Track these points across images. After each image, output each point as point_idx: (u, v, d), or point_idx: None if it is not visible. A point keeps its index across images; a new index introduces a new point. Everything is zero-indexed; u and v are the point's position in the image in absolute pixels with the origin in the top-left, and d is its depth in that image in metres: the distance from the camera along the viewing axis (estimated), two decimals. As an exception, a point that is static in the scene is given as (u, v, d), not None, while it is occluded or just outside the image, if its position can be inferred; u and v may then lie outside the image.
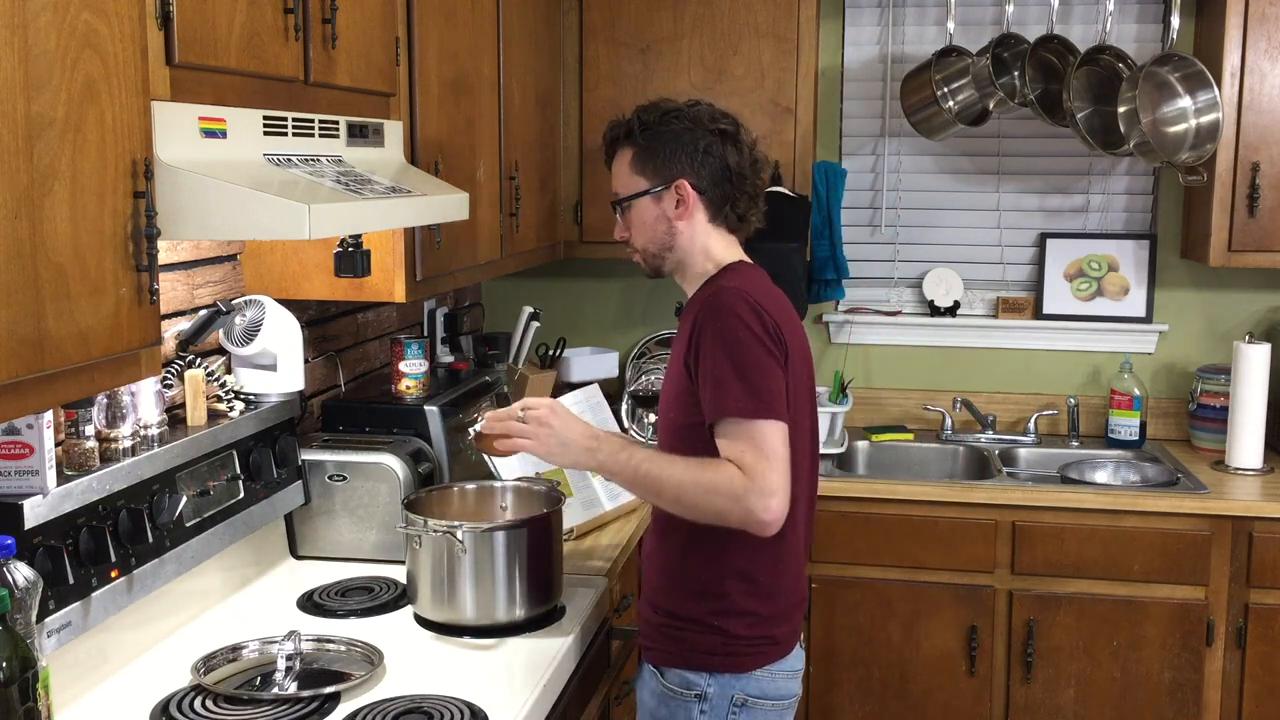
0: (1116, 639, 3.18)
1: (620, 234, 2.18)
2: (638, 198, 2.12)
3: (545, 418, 2.03)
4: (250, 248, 2.47)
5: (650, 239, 2.14)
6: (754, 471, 1.89)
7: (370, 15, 2.18)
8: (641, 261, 2.19)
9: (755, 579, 2.04)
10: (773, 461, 1.89)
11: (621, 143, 2.15)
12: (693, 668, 2.06)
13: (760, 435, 1.91)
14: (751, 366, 1.93)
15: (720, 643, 2.04)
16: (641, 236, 2.15)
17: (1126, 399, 3.62)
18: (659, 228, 2.13)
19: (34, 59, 1.32)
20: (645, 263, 2.18)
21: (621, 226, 2.17)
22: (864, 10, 3.78)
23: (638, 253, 2.17)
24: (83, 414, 1.86)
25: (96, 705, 1.87)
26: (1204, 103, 3.32)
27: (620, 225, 2.18)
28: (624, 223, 2.17)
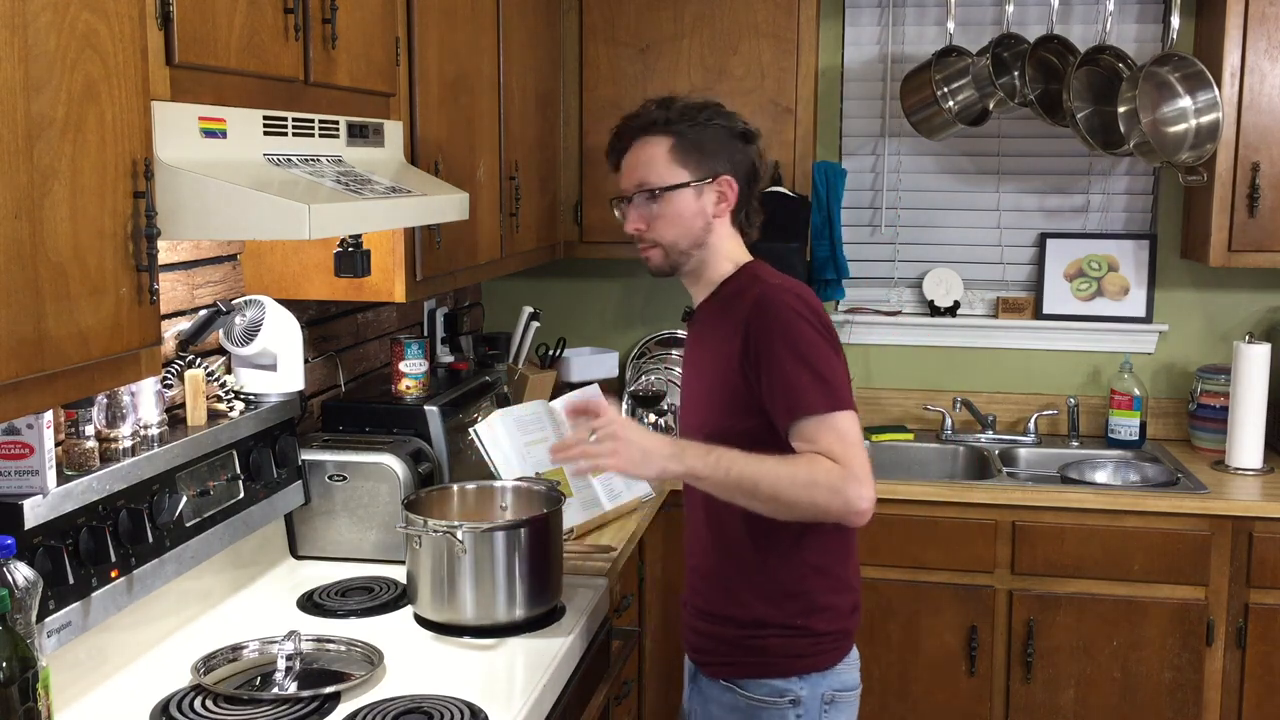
0: (1116, 639, 3.18)
1: (634, 226, 2.06)
2: (678, 189, 2.03)
3: (618, 432, 1.90)
4: (250, 248, 2.47)
5: (683, 234, 2.05)
6: (846, 461, 1.85)
7: (370, 15, 2.18)
8: (659, 257, 2.07)
9: (830, 572, 2.03)
10: (859, 450, 1.88)
11: (655, 131, 2.05)
12: (782, 674, 2.02)
13: (842, 426, 1.88)
14: (820, 361, 1.91)
15: (808, 644, 2.02)
16: (673, 230, 2.04)
17: (1126, 399, 3.62)
18: (695, 223, 2.04)
19: (34, 59, 1.32)
20: (664, 259, 2.07)
21: (636, 219, 2.06)
22: (864, 10, 3.78)
23: (658, 247, 2.06)
24: (83, 414, 1.86)
25: (96, 705, 1.87)
26: (1204, 103, 3.32)
27: (634, 217, 2.06)
28: (643, 215, 2.05)
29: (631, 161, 2.06)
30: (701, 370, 2.08)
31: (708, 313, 2.09)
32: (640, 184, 2.05)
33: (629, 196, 2.07)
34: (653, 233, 2.05)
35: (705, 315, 2.10)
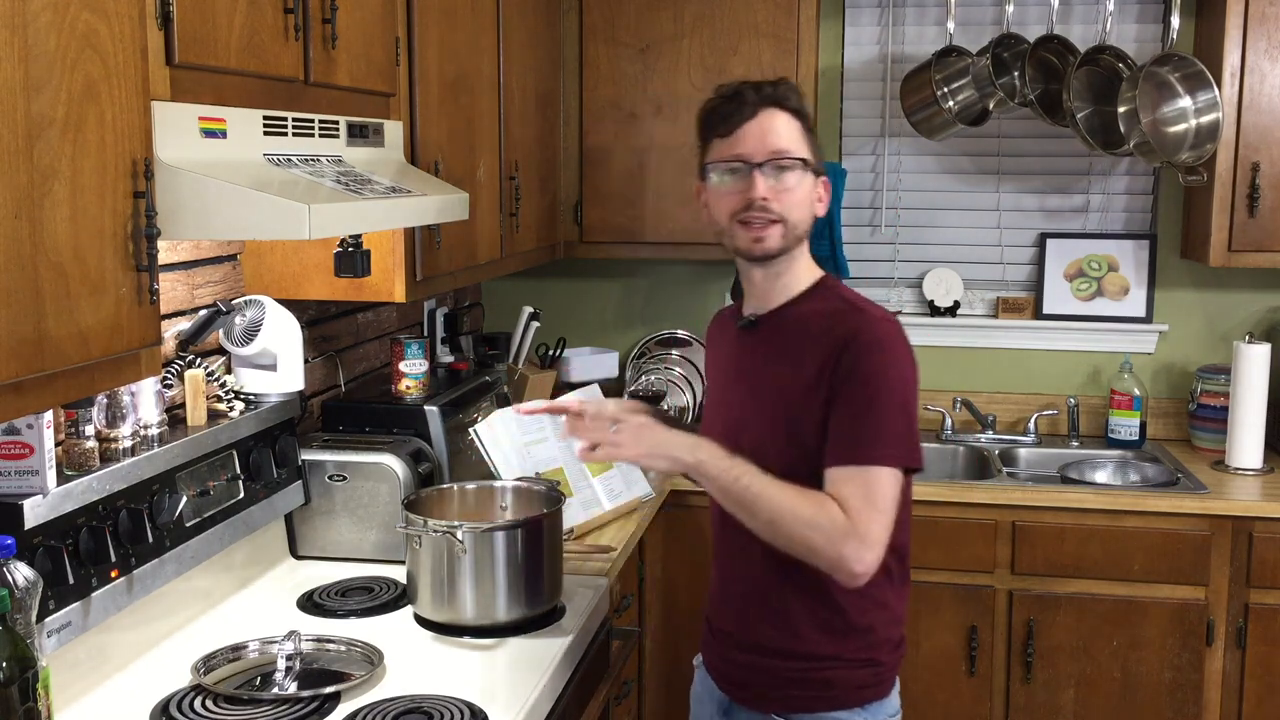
0: (1116, 639, 3.18)
1: (764, 194, 1.88)
2: (809, 168, 1.93)
3: (639, 424, 1.87)
4: (250, 248, 2.47)
5: (804, 217, 1.93)
6: (857, 518, 1.76)
7: (370, 15, 2.18)
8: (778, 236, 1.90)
9: (890, 605, 1.96)
10: (880, 513, 1.78)
11: (785, 106, 1.94)
12: (846, 706, 1.95)
13: (878, 484, 1.78)
14: (896, 411, 1.82)
15: (871, 674, 1.96)
16: (799, 210, 1.91)
17: (1126, 399, 3.61)
18: (810, 209, 1.94)
19: (34, 59, 1.32)
20: (782, 239, 1.91)
21: (765, 188, 1.89)
22: (864, 10, 3.78)
23: (779, 224, 1.90)
24: (83, 414, 1.86)
25: (96, 705, 1.87)
26: (1204, 103, 3.32)
27: (764, 186, 1.88)
28: (773, 186, 1.89)
29: (761, 128, 1.90)
30: (760, 389, 1.94)
31: (777, 326, 1.95)
32: (778, 152, 1.90)
33: (757, 163, 1.89)
34: (780, 205, 1.90)
35: (774, 328, 1.96)
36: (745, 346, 2.01)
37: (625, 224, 3.57)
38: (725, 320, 2.14)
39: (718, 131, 1.94)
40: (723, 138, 1.93)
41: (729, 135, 1.92)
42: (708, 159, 1.96)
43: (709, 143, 1.96)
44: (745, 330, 2.01)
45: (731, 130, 1.92)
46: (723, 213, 1.93)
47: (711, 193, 1.95)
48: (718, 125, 1.94)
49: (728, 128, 1.92)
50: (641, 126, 3.52)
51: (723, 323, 2.15)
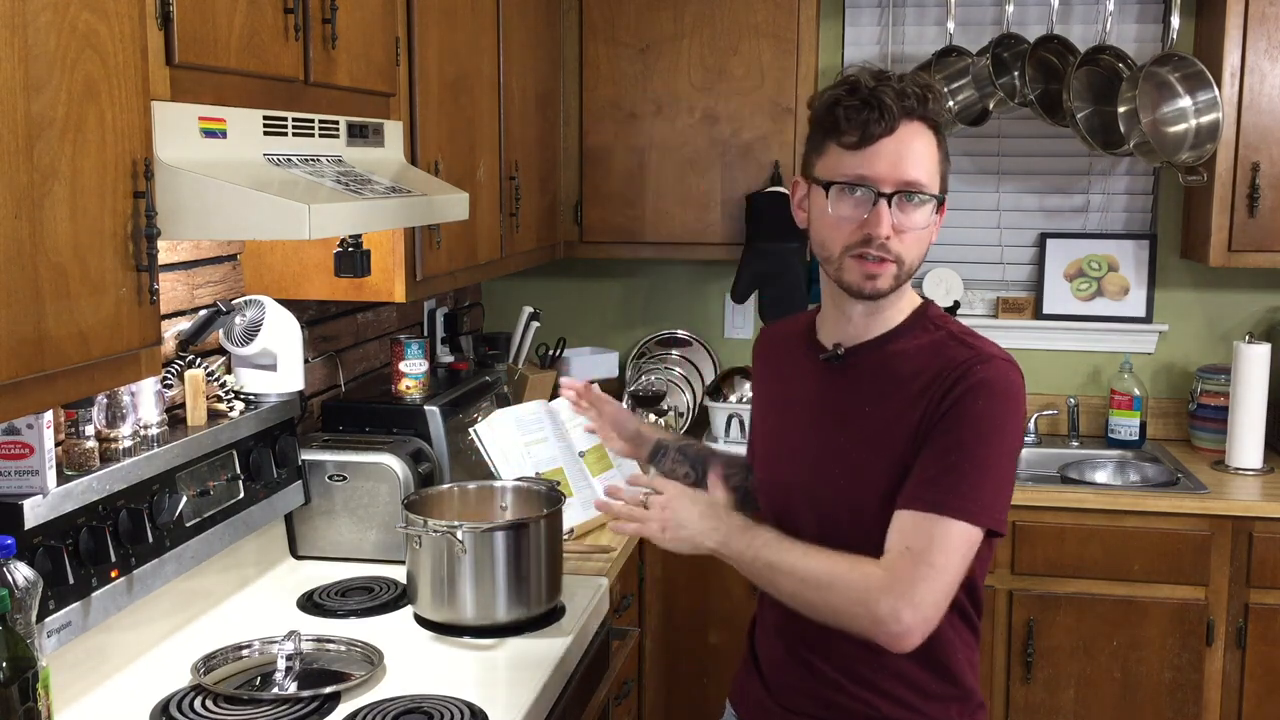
0: (1116, 639, 3.18)
1: (887, 230, 1.63)
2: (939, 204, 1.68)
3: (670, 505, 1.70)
4: (250, 248, 2.47)
5: (922, 254, 1.70)
6: (901, 572, 1.56)
7: (370, 15, 2.18)
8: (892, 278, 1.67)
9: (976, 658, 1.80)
10: (933, 570, 1.56)
11: (928, 121, 1.66)
12: None
13: (942, 536, 1.57)
14: (994, 464, 1.61)
15: None
16: (917, 250, 1.68)
17: (1126, 399, 3.61)
18: (928, 246, 1.71)
19: (34, 59, 1.32)
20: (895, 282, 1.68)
21: (888, 225, 1.63)
22: (864, 10, 3.78)
23: (895, 264, 1.66)
24: (83, 414, 1.86)
25: (96, 705, 1.87)
26: (1204, 103, 3.32)
27: (888, 221, 1.63)
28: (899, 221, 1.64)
29: (899, 149, 1.63)
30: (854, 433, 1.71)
31: (875, 362, 1.73)
32: (910, 183, 1.63)
33: (886, 193, 1.63)
34: (902, 245, 1.65)
35: (871, 364, 1.73)
36: (830, 381, 1.77)
37: (625, 224, 3.57)
38: (788, 344, 1.90)
39: (843, 138, 1.64)
40: (849, 149, 1.64)
41: (858, 149, 1.63)
42: (823, 169, 1.68)
43: (825, 145, 1.68)
44: (830, 363, 1.77)
45: (863, 144, 1.63)
46: (834, 240, 1.67)
47: (820, 210, 1.68)
48: (845, 131, 1.64)
49: (858, 139, 1.63)
50: (641, 126, 3.52)
51: (784, 346, 1.91)
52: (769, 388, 1.94)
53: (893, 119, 1.61)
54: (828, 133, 1.67)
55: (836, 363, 1.76)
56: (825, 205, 1.67)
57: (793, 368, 1.85)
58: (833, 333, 1.78)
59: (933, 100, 1.65)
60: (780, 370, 1.89)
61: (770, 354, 1.95)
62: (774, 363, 1.92)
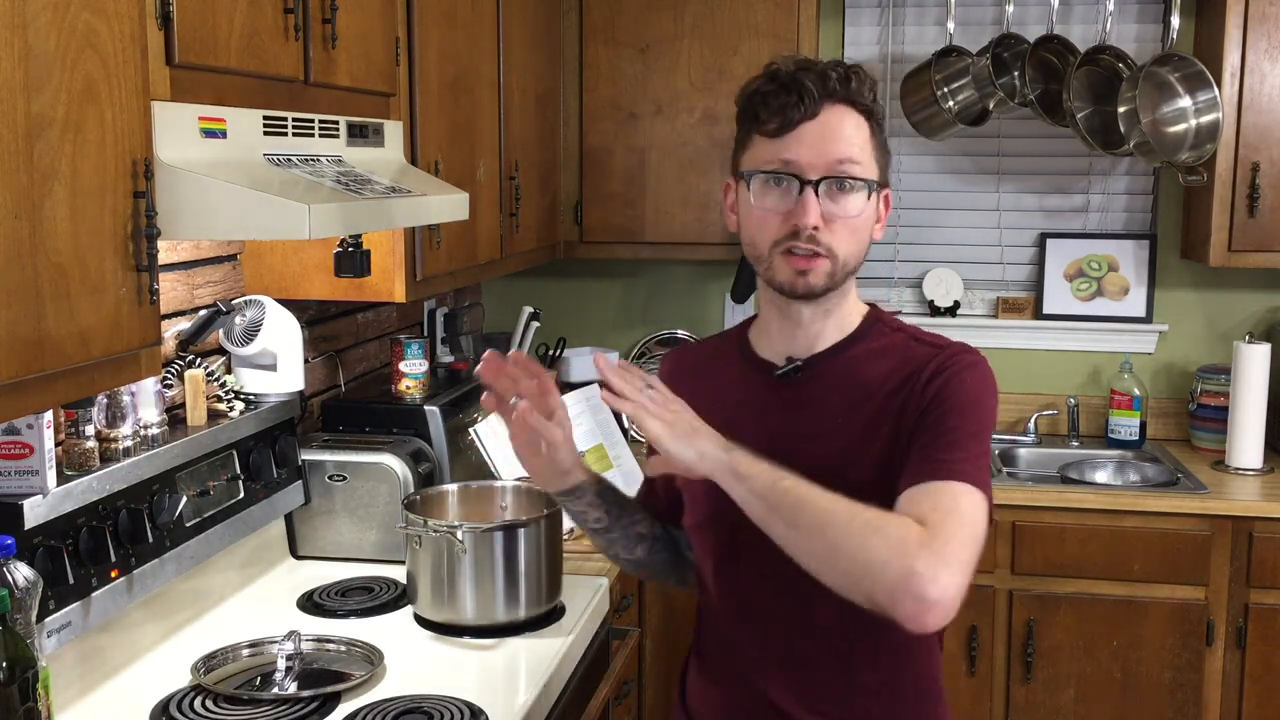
0: (1116, 639, 3.18)
1: (817, 220, 1.50)
2: (875, 188, 1.55)
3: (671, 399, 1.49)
4: (250, 248, 2.47)
5: (857, 251, 1.57)
6: (938, 529, 1.37)
7: (370, 15, 2.18)
8: (826, 273, 1.54)
9: None
10: (966, 528, 1.40)
11: (856, 104, 1.54)
12: None
13: (961, 496, 1.43)
14: (985, 439, 1.52)
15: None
16: (852, 242, 1.55)
17: (1126, 399, 3.61)
18: (867, 240, 1.58)
19: (34, 59, 1.32)
20: (830, 278, 1.55)
21: (817, 213, 1.51)
22: (864, 10, 3.78)
23: (828, 259, 1.53)
24: (83, 414, 1.86)
25: (96, 705, 1.87)
26: (1204, 103, 3.32)
27: (816, 210, 1.50)
28: (830, 210, 1.52)
29: (825, 132, 1.51)
30: (830, 448, 1.55)
31: (835, 373, 1.59)
32: (842, 162, 1.51)
33: (812, 179, 1.50)
34: (832, 236, 1.52)
35: (830, 375, 1.59)
36: (788, 399, 1.60)
37: (625, 224, 3.57)
38: (718, 365, 1.70)
39: (764, 127, 1.54)
40: (770, 136, 1.53)
41: (779, 135, 1.52)
42: (747, 162, 1.57)
43: (749, 138, 1.57)
44: (784, 380, 1.60)
45: (784, 129, 1.52)
46: (761, 236, 1.55)
47: (746, 206, 1.57)
48: (765, 118, 1.53)
49: (779, 125, 1.52)
50: (641, 126, 3.52)
51: (714, 368, 1.70)
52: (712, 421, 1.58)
53: (814, 102, 1.51)
54: (750, 124, 1.57)
55: (793, 377, 1.60)
56: (750, 199, 1.55)
57: (732, 391, 1.64)
58: (778, 345, 1.63)
59: (857, 82, 1.53)
60: (715, 396, 1.62)
61: (695, 380, 1.67)
62: (699, 387, 1.63)
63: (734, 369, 1.67)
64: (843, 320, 1.62)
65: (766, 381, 1.62)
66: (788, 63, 1.55)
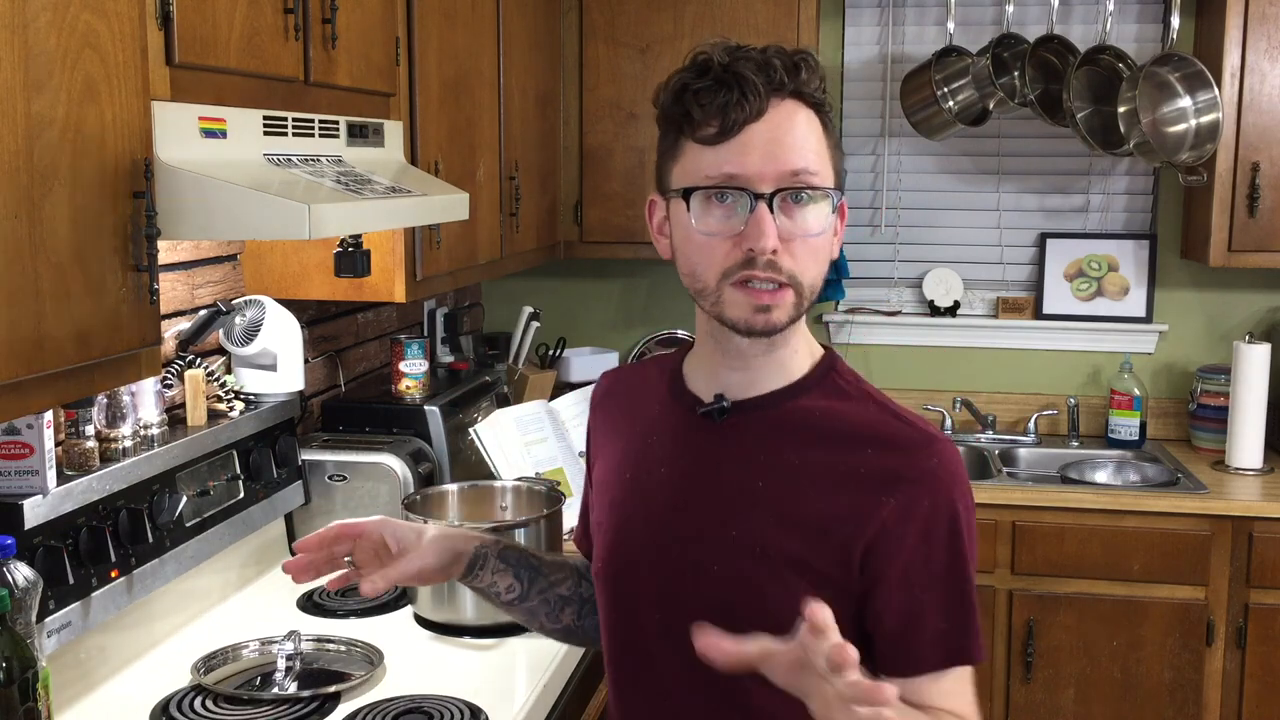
0: (1116, 639, 3.18)
1: (774, 243, 1.23)
2: (836, 198, 1.28)
3: None
4: (250, 248, 2.47)
5: (820, 271, 1.29)
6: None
7: (370, 15, 2.18)
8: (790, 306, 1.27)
9: None
10: None
11: (806, 97, 1.27)
12: None
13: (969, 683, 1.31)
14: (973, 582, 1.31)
15: None
16: (814, 264, 1.27)
17: (1126, 399, 3.61)
18: (827, 258, 1.30)
19: (34, 59, 1.32)
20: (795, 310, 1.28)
21: (774, 233, 1.23)
22: (864, 10, 3.78)
23: (791, 289, 1.26)
24: (83, 414, 1.86)
25: (96, 705, 1.87)
26: (1204, 103, 3.32)
27: (773, 230, 1.23)
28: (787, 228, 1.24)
29: (775, 135, 1.24)
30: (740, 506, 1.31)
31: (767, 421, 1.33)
32: (798, 172, 1.24)
33: (764, 193, 1.23)
34: (795, 262, 1.25)
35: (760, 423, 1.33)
36: (704, 441, 1.35)
37: (625, 224, 3.57)
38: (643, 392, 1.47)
39: (700, 132, 1.25)
40: (708, 144, 1.25)
41: (720, 141, 1.24)
42: (681, 175, 1.28)
43: (679, 144, 1.29)
44: (707, 419, 1.35)
45: (724, 134, 1.24)
46: (706, 266, 1.27)
47: (684, 229, 1.28)
48: (701, 121, 1.25)
49: (718, 129, 1.24)
50: (641, 126, 3.52)
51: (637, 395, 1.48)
52: (614, 446, 1.46)
53: (759, 98, 1.23)
54: (679, 128, 1.28)
55: (717, 419, 1.34)
56: (689, 221, 1.26)
57: (649, 421, 1.43)
58: (710, 380, 1.37)
59: (806, 71, 1.26)
60: (632, 424, 1.45)
61: (615, 404, 1.51)
62: (621, 414, 1.48)
63: (659, 397, 1.43)
64: (789, 362, 1.34)
65: (688, 418, 1.37)
66: (719, 51, 1.26)
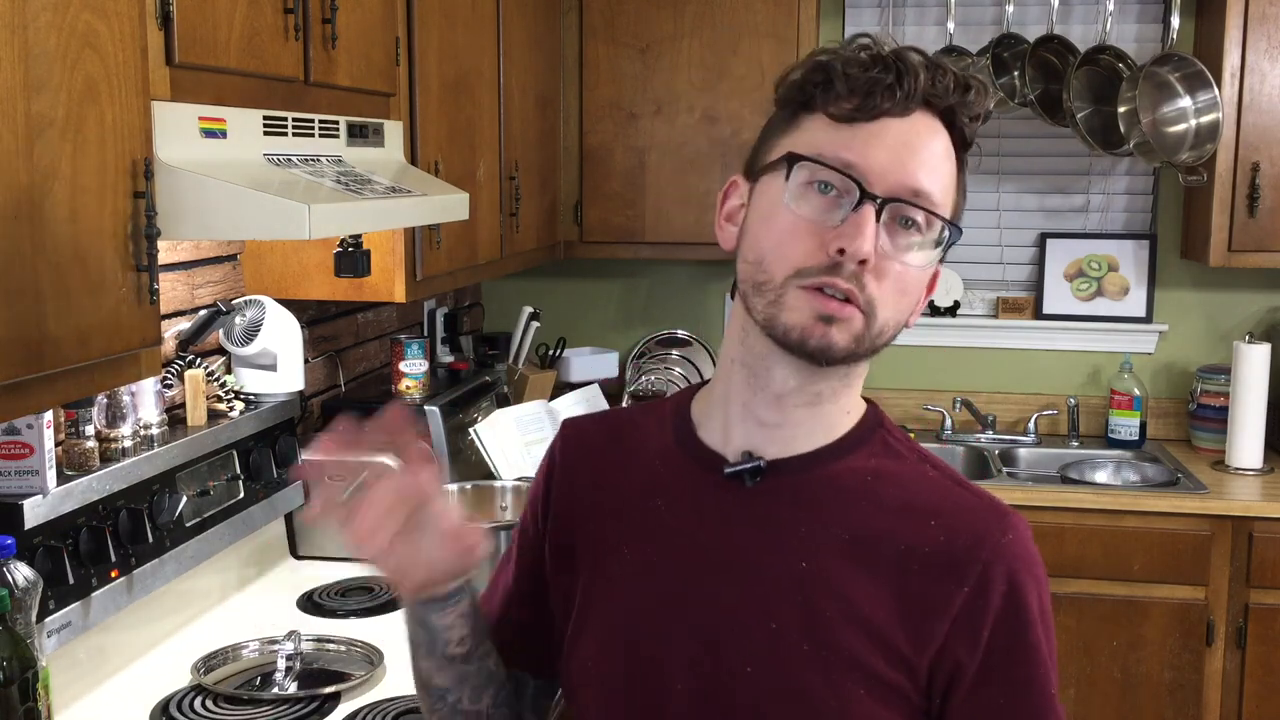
0: (1116, 639, 3.18)
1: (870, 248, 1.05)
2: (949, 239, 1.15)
3: None
4: (250, 248, 2.47)
5: (899, 319, 1.13)
6: None
7: (370, 15, 2.18)
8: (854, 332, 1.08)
9: None
10: None
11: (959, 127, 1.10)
12: None
13: None
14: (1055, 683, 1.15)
15: None
16: (898, 304, 1.11)
17: (1126, 399, 3.61)
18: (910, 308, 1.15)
19: (34, 59, 1.32)
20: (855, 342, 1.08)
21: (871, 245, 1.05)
22: (864, 10, 3.78)
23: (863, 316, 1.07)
24: (83, 414, 1.86)
25: (96, 705, 1.87)
26: (1204, 103, 3.32)
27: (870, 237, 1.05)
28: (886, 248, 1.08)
29: (912, 140, 1.07)
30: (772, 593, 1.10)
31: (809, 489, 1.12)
32: (920, 192, 1.08)
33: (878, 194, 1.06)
34: (877, 287, 1.07)
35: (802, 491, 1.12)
36: (734, 513, 1.13)
37: (625, 224, 3.57)
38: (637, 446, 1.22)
39: (835, 105, 1.07)
40: (839, 120, 1.07)
41: (853, 121, 1.07)
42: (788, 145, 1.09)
43: (798, 119, 1.11)
44: (735, 483, 1.13)
45: (861, 114, 1.07)
46: (780, 256, 1.07)
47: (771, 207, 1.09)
48: (841, 93, 1.07)
49: (857, 106, 1.06)
50: (641, 126, 3.52)
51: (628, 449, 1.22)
52: (599, 513, 1.21)
53: (913, 94, 1.06)
54: (806, 102, 1.10)
55: (749, 483, 1.13)
56: (779, 198, 1.08)
57: (649, 485, 1.18)
58: (737, 433, 1.15)
59: (975, 94, 1.10)
60: (624, 486, 1.20)
61: (595, 459, 1.24)
62: (607, 472, 1.22)
63: (664, 451, 1.19)
64: (835, 416, 1.16)
65: (710, 480, 1.14)
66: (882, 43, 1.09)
